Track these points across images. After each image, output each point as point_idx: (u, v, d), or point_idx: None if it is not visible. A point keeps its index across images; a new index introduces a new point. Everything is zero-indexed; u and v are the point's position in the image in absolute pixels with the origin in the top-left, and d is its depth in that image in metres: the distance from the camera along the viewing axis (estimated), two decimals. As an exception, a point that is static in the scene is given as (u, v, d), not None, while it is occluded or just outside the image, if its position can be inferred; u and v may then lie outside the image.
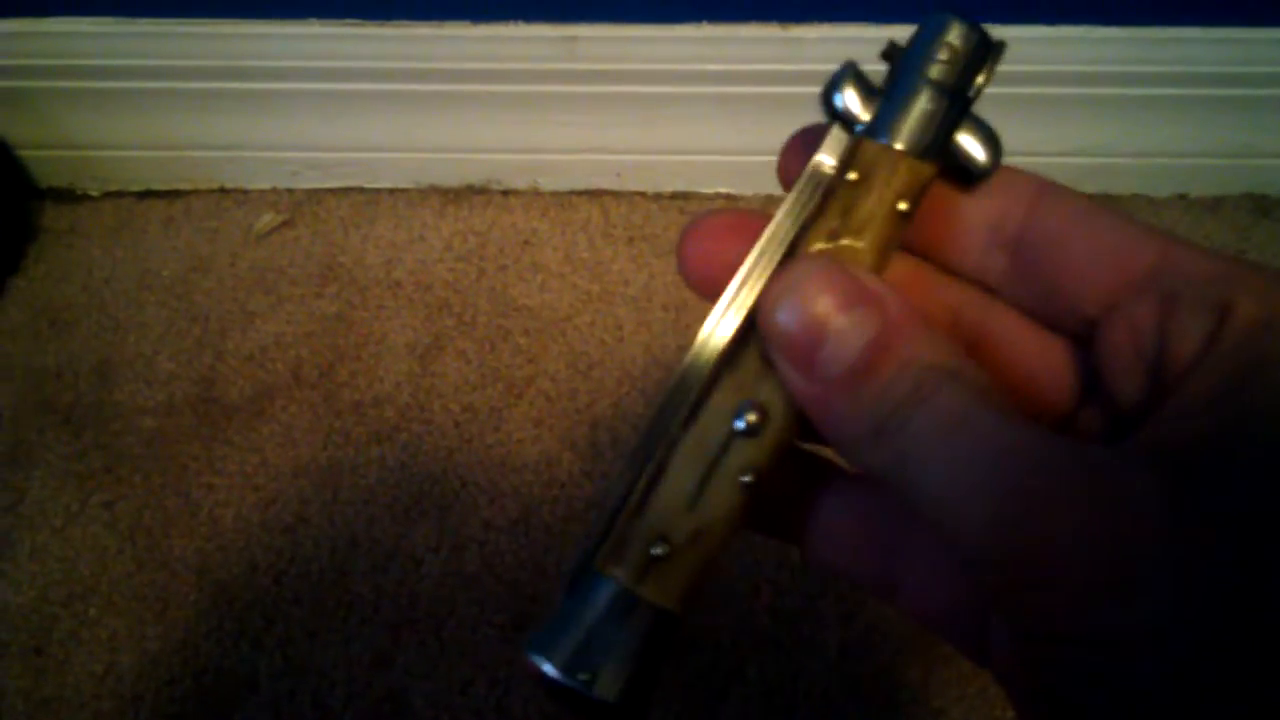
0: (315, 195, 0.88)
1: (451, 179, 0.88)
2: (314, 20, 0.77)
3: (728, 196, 0.87)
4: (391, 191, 0.88)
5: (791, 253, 0.24)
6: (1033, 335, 0.24)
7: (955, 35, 0.24)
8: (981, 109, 0.25)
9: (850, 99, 0.24)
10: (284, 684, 0.65)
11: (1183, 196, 0.87)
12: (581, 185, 0.87)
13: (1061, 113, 0.81)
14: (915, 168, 0.23)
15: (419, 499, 0.71)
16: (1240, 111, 0.81)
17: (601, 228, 0.85)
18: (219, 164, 0.88)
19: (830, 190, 0.24)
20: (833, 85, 0.25)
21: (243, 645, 0.66)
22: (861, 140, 0.24)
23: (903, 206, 0.23)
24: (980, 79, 0.24)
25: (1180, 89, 0.80)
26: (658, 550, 0.23)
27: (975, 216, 0.24)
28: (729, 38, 0.77)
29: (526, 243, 0.84)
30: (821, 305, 0.21)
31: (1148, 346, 0.21)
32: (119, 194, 0.89)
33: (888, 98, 0.24)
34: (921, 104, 0.24)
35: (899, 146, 0.23)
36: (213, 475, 0.73)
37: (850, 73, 0.25)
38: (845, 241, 0.23)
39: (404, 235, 0.85)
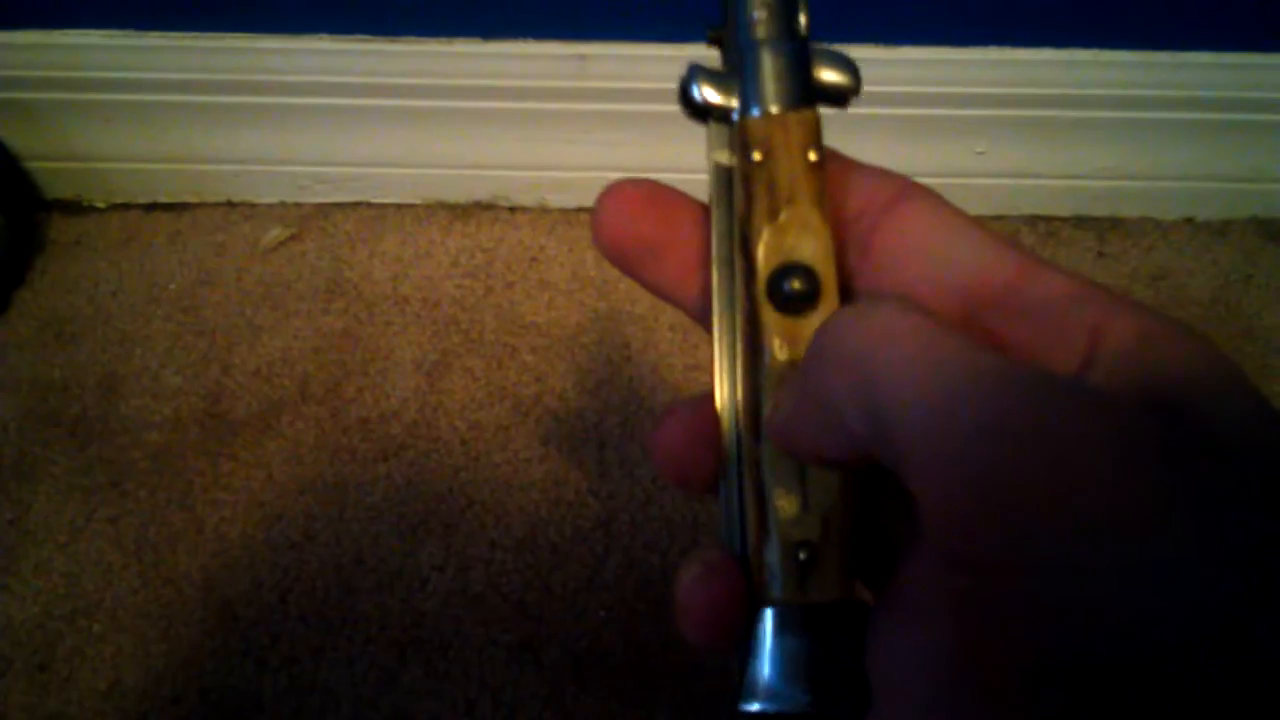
0: (323, 210, 0.88)
1: (459, 195, 0.88)
2: (324, 35, 0.77)
3: (735, 215, 0.87)
4: (399, 207, 0.88)
5: (745, 244, 0.25)
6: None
7: None
8: (989, 132, 0.25)
9: (709, 93, 0.25)
10: (289, 702, 0.64)
11: (1190, 220, 0.87)
12: (589, 202, 0.87)
13: (1070, 135, 0.81)
14: (802, 119, 0.24)
15: (425, 517, 0.71)
16: (1248, 136, 0.81)
17: (609, 245, 0.85)
18: (226, 177, 0.88)
19: (745, 177, 0.25)
20: (686, 87, 0.26)
21: (248, 663, 0.66)
22: (744, 120, 0.25)
23: (812, 157, 0.24)
24: (803, 16, 0.25)
25: (1189, 113, 0.80)
26: (803, 555, 0.23)
27: (835, 206, 0.25)
28: (739, 58, 0.77)
29: (534, 260, 0.84)
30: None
31: (1076, 356, 0.21)
32: (126, 206, 0.89)
33: (740, 75, 0.25)
34: (769, 65, 0.25)
35: (775, 110, 0.24)
36: (218, 491, 0.73)
37: (697, 72, 0.25)
38: (786, 212, 0.24)
39: (411, 251, 0.85)
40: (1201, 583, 0.15)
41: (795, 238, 0.24)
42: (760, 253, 0.24)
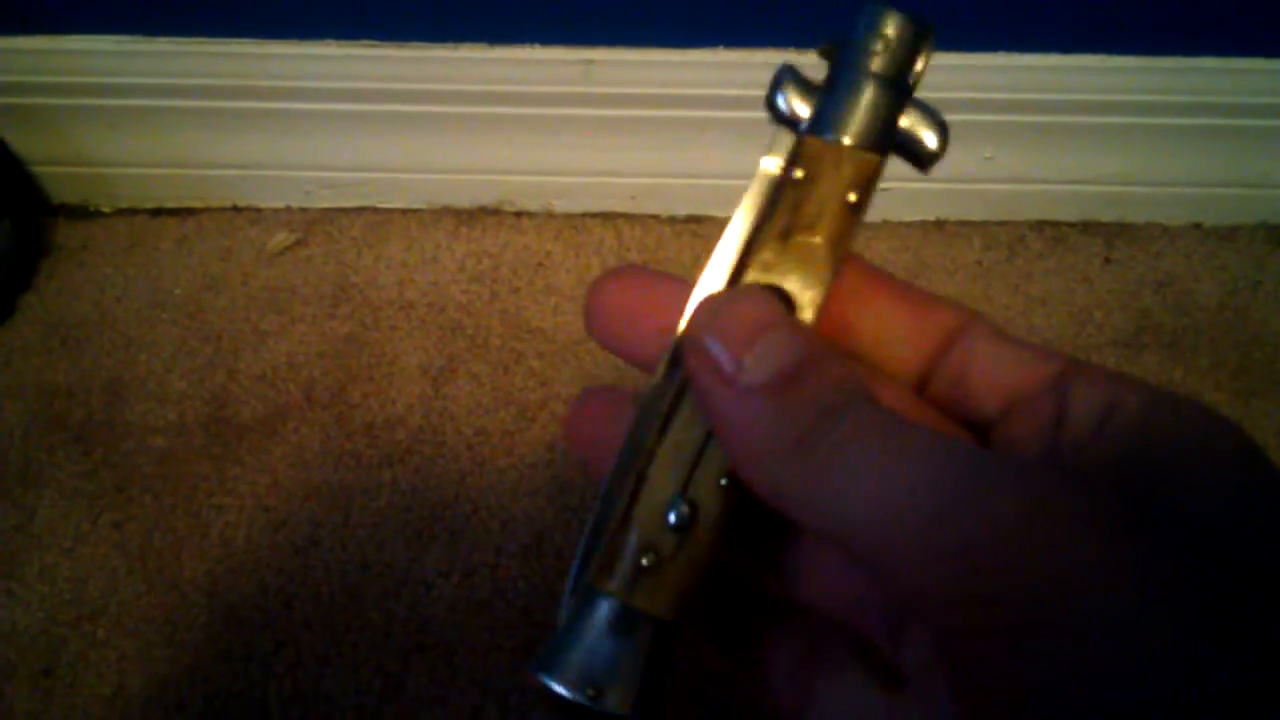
0: (329, 215, 0.88)
1: (465, 200, 0.88)
2: (331, 41, 0.77)
3: (741, 220, 0.87)
4: (405, 212, 0.88)
5: (747, 253, 0.24)
6: (936, 417, 0.26)
7: (890, 26, 0.24)
8: (996, 138, 0.25)
9: (791, 99, 0.25)
10: (294, 709, 0.64)
11: (1198, 226, 0.87)
12: (595, 208, 0.87)
13: (1078, 141, 0.81)
14: (861, 159, 0.24)
15: (430, 523, 0.71)
16: (1257, 141, 0.81)
17: (615, 250, 0.85)
18: (232, 182, 0.88)
19: (779, 190, 0.24)
20: (773, 88, 0.25)
21: (252, 669, 0.66)
22: (805, 137, 0.24)
23: (852, 198, 0.24)
24: (919, 66, 0.24)
25: (1197, 119, 0.80)
26: (646, 560, 0.23)
27: (913, 329, 0.26)
28: (744, 63, 0.77)
29: (540, 265, 0.84)
30: (745, 325, 0.22)
31: (1046, 430, 0.23)
32: (132, 211, 0.89)
33: (827, 94, 0.24)
34: (861, 96, 0.24)
35: (844, 140, 0.24)
36: (223, 496, 0.73)
37: (788, 74, 0.25)
38: (799, 238, 0.24)
39: (417, 256, 0.85)
40: (1158, 632, 0.17)
41: (792, 264, 0.24)
42: (751, 266, 0.24)
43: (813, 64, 0.26)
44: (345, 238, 0.86)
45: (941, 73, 0.84)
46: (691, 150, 0.83)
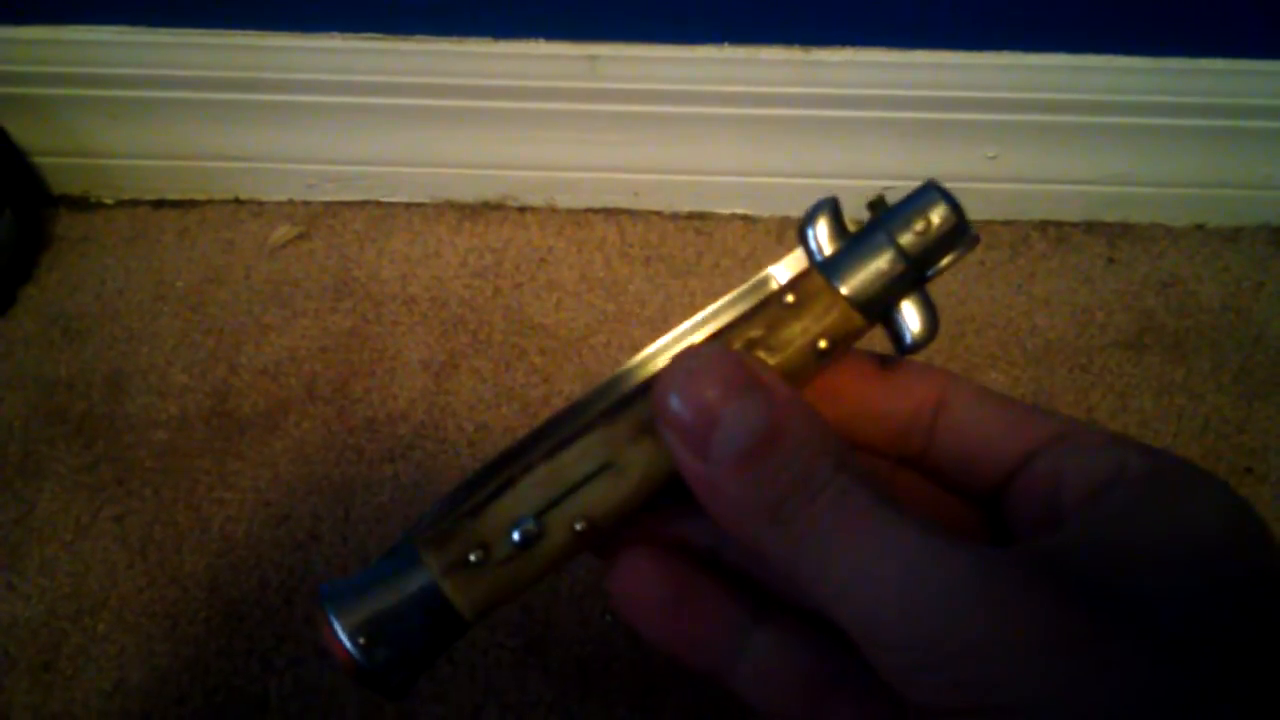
0: (331, 208, 0.87)
1: (468, 195, 0.87)
2: (335, 34, 0.77)
3: (744, 217, 0.87)
4: (408, 206, 0.87)
5: (717, 336, 0.25)
6: (941, 492, 0.26)
7: (937, 214, 0.25)
8: (1000, 137, 0.26)
9: (821, 234, 0.25)
10: (294, 704, 0.64)
11: (1201, 226, 0.87)
12: (598, 203, 0.87)
13: (1082, 141, 0.81)
14: (848, 315, 0.24)
15: (432, 518, 0.71)
16: (1261, 143, 0.81)
17: (618, 247, 0.85)
18: (235, 175, 0.87)
19: (766, 303, 0.25)
20: (812, 216, 0.26)
21: (253, 664, 0.66)
22: (811, 270, 0.25)
23: (823, 345, 0.24)
24: (945, 261, 0.25)
25: (1201, 119, 0.80)
26: (475, 556, 0.24)
27: (895, 404, 0.26)
28: (750, 60, 0.77)
29: (543, 260, 0.84)
30: (715, 390, 0.22)
31: (1047, 493, 0.23)
32: (134, 203, 0.89)
33: (853, 243, 0.25)
34: (879, 262, 0.25)
35: (842, 290, 0.24)
36: (224, 490, 0.73)
37: (828, 207, 0.26)
38: (760, 354, 0.24)
39: (420, 251, 0.85)
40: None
41: None
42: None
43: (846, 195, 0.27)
44: (348, 231, 0.86)
45: (947, 71, 0.84)
46: (695, 146, 0.83)
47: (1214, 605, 0.19)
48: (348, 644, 0.23)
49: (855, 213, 0.27)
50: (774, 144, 0.82)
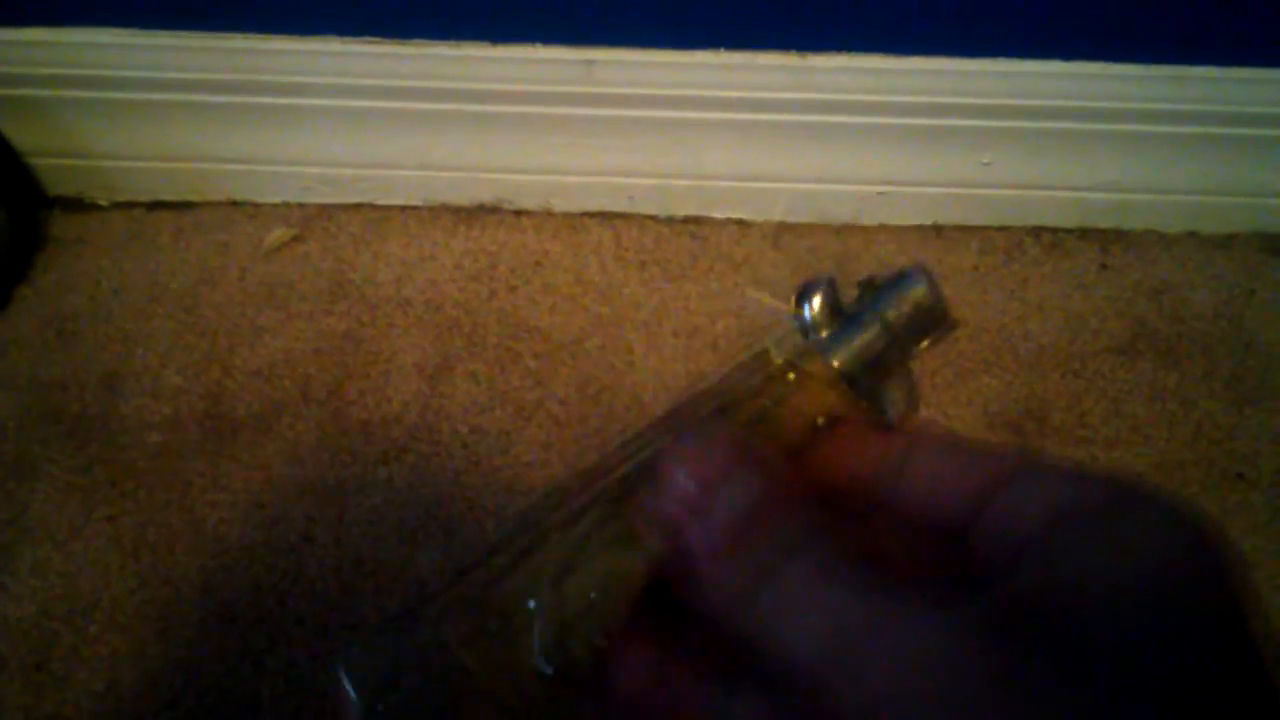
0: (327, 211, 0.87)
1: (464, 198, 0.87)
2: (332, 37, 0.77)
3: (739, 222, 0.87)
4: (403, 209, 0.87)
5: (716, 416, 0.26)
6: (912, 535, 0.27)
7: (923, 297, 0.26)
8: (995, 143, 0.27)
9: (817, 313, 0.27)
10: (287, 706, 0.64)
11: (1193, 233, 0.87)
12: (594, 207, 0.87)
13: (1076, 148, 0.81)
14: (844, 394, 0.26)
15: (425, 521, 0.71)
16: (1253, 150, 0.81)
17: (613, 251, 0.85)
18: (230, 177, 0.87)
19: (769, 379, 0.26)
20: (808, 294, 0.27)
21: (245, 666, 0.65)
22: (810, 349, 0.26)
23: (820, 421, 0.26)
24: (926, 343, 0.26)
25: (1194, 127, 0.80)
26: (493, 625, 0.24)
27: (862, 454, 0.27)
28: (746, 65, 0.77)
29: (538, 264, 0.84)
30: (717, 464, 0.23)
31: (1007, 531, 0.24)
32: (129, 204, 0.89)
33: (848, 323, 0.26)
34: (872, 342, 0.26)
35: (839, 369, 0.26)
36: (218, 492, 0.73)
37: (825, 289, 0.27)
38: (763, 428, 0.25)
39: (415, 253, 0.85)
40: None
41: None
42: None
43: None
44: (343, 234, 0.86)
45: (942, 78, 0.85)
46: (691, 151, 0.83)
47: (1159, 653, 0.20)
48: (365, 710, 0.24)
49: (852, 218, 0.28)
50: (769, 149, 0.82)
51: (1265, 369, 0.79)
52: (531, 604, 0.24)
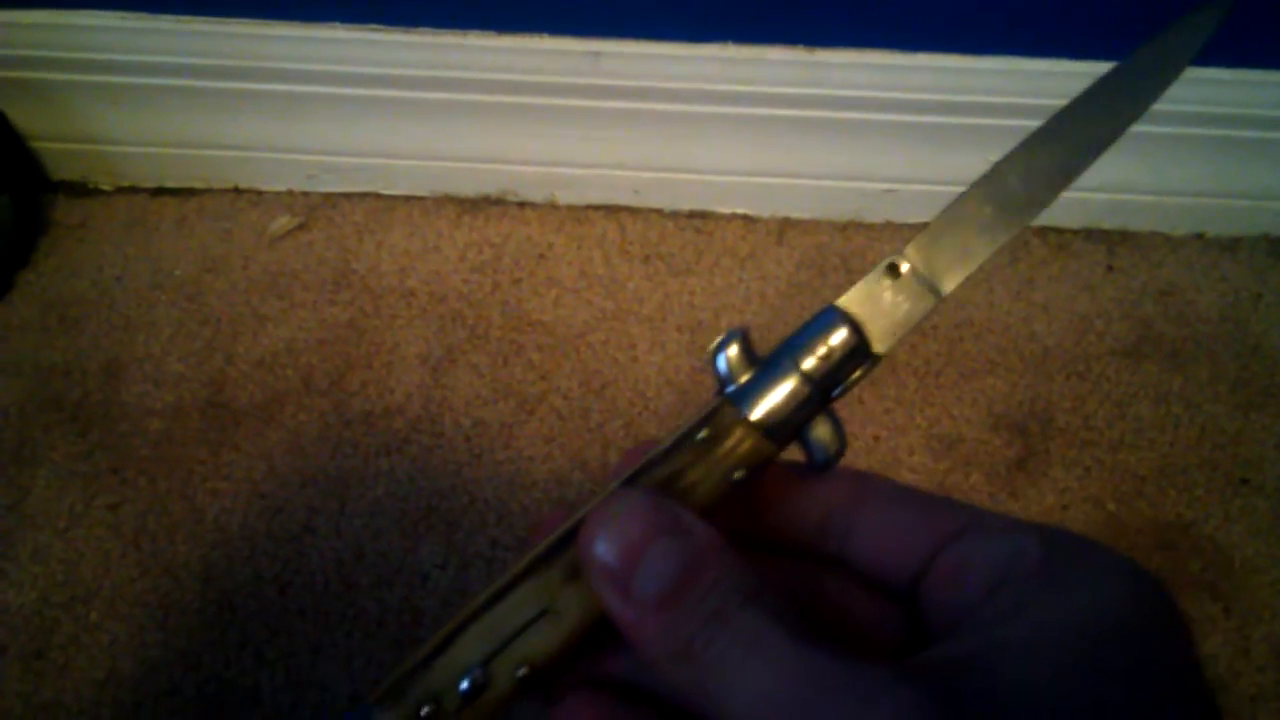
0: (331, 199, 0.87)
1: (468, 189, 0.87)
2: (338, 24, 0.77)
3: (744, 217, 0.87)
4: (408, 199, 0.87)
5: (630, 484, 0.26)
6: (862, 592, 0.27)
7: (837, 338, 0.26)
8: (1003, 142, 0.26)
9: (731, 363, 0.26)
10: (286, 697, 0.64)
11: (1200, 236, 0.87)
12: (599, 200, 0.87)
13: (1084, 148, 0.81)
14: (760, 444, 0.25)
15: (427, 513, 0.71)
16: (1261, 153, 0.81)
17: (618, 244, 0.84)
18: (235, 164, 0.87)
19: (682, 440, 0.26)
20: (720, 347, 0.26)
21: (245, 656, 0.65)
22: (723, 403, 0.26)
23: (738, 475, 0.25)
24: (849, 380, 0.26)
25: (1202, 129, 0.80)
26: (426, 710, 0.24)
27: (809, 508, 0.27)
28: (754, 59, 0.77)
29: (542, 256, 0.84)
30: (635, 535, 0.23)
31: (951, 589, 0.24)
32: (132, 190, 0.88)
33: (760, 372, 0.26)
34: (786, 389, 0.25)
35: (752, 420, 0.25)
36: (219, 481, 0.72)
37: (738, 339, 0.26)
38: (677, 489, 0.25)
39: (419, 244, 0.84)
40: None
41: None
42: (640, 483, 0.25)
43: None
44: (347, 223, 0.86)
45: (950, 75, 0.84)
46: (696, 145, 0.83)
47: (1099, 715, 0.20)
48: None
49: (857, 215, 0.28)
50: (775, 144, 0.82)
51: (1271, 373, 0.79)
52: (464, 685, 0.24)
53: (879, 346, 0.26)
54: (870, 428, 0.75)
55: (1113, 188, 0.84)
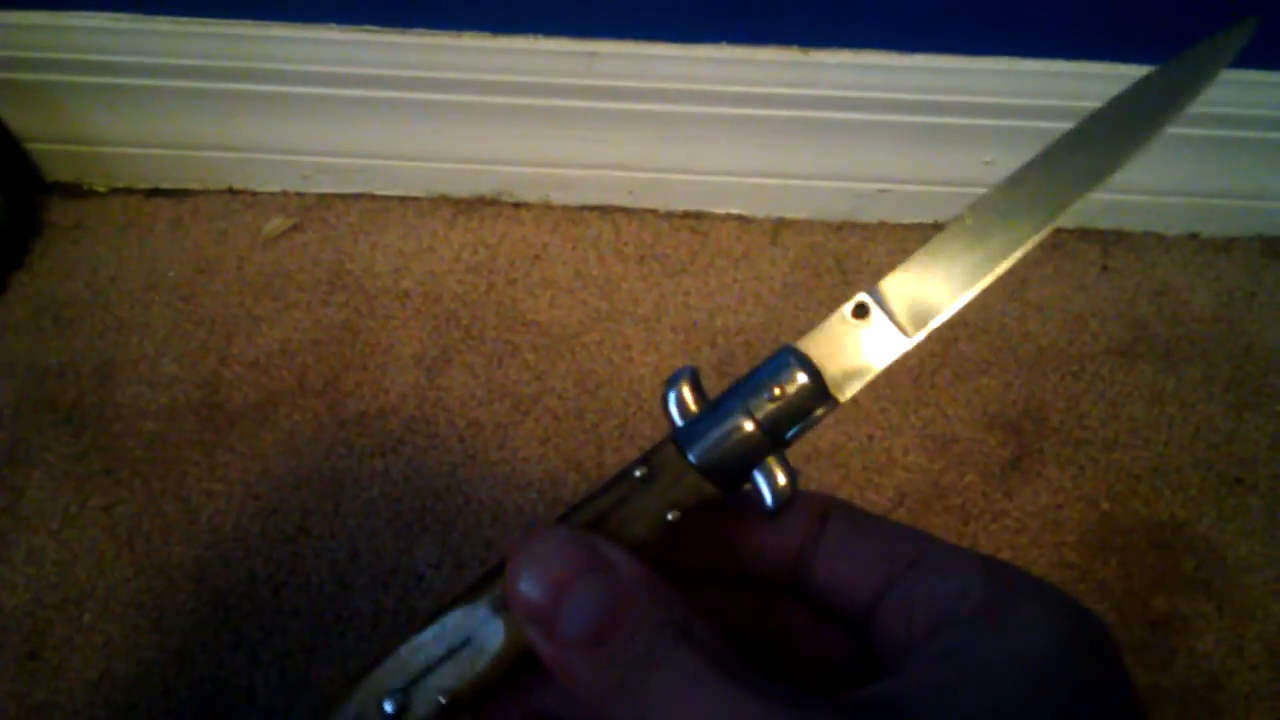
0: (325, 200, 0.87)
1: (463, 189, 0.87)
2: (332, 25, 0.77)
3: (739, 217, 0.87)
4: (402, 199, 0.87)
5: (565, 520, 0.25)
6: (819, 624, 0.27)
7: (790, 381, 0.25)
8: (997, 142, 0.26)
9: (681, 402, 0.25)
10: (281, 698, 0.64)
11: (1194, 236, 0.87)
12: (594, 200, 0.87)
13: (1078, 148, 0.81)
14: (699, 486, 0.24)
15: (422, 514, 0.71)
16: (1256, 153, 0.81)
17: (613, 245, 0.84)
18: (229, 165, 0.87)
19: (619, 477, 0.25)
20: (670, 384, 0.26)
21: (240, 657, 0.65)
22: (665, 442, 0.25)
23: (672, 516, 0.24)
24: (802, 424, 0.25)
25: (1196, 129, 0.80)
26: None
27: (771, 540, 0.27)
28: (748, 60, 0.77)
29: (537, 257, 0.84)
30: (558, 572, 0.23)
31: (899, 623, 0.24)
32: (127, 191, 0.88)
33: (707, 412, 0.25)
34: (731, 431, 0.25)
35: (692, 460, 0.24)
36: (213, 482, 0.72)
37: (688, 377, 0.26)
38: (606, 528, 0.24)
39: (413, 245, 0.84)
40: None
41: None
42: (572, 521, 0.25)
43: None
44: (342, 224, 0.86)
45: (945, 75, 0.84)
46: (692, 146, 0.83)
47: None
48: None
49: (852, 215, 0.27)
50: (770, 144, 0.82)
51: (1265, 373, 0.79)
52: (386, 707, 0.24)
53: (838, 394, 0.25)
54: (865, 427, 0.75)
55: (1108, 187, 0.84)
